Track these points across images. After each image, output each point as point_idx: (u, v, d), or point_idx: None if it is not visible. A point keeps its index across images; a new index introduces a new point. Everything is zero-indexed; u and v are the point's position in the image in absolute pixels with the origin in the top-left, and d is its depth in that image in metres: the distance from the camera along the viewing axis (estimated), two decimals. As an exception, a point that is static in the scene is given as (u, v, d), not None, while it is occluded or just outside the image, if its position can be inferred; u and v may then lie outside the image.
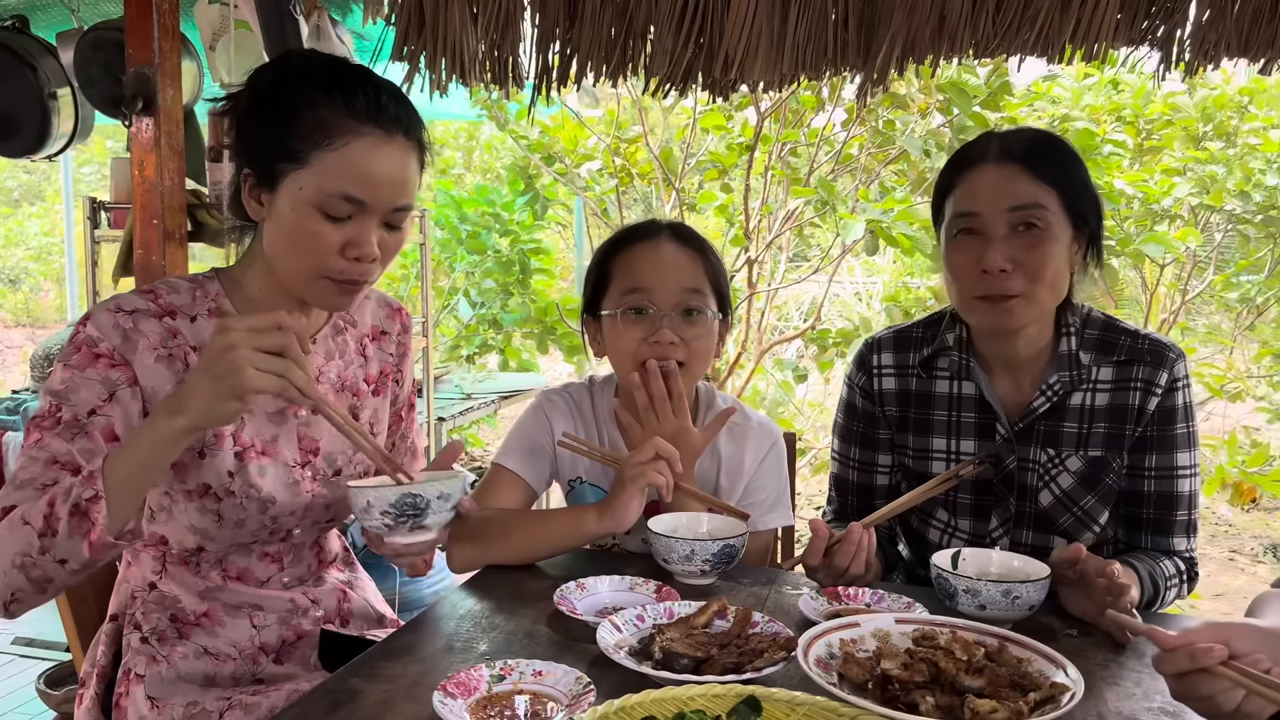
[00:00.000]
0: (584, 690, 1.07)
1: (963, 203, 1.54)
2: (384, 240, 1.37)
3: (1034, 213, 1.48)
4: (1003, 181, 1.50)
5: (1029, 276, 1.49)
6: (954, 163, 1.59)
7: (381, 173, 1.32)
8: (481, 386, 4.53)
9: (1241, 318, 5.24)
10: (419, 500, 1.30)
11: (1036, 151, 1.51)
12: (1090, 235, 1.55)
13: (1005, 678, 1.08)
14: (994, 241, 1.49)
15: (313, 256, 1.33)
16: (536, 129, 4.56)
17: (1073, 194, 1.51)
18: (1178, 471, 1.60)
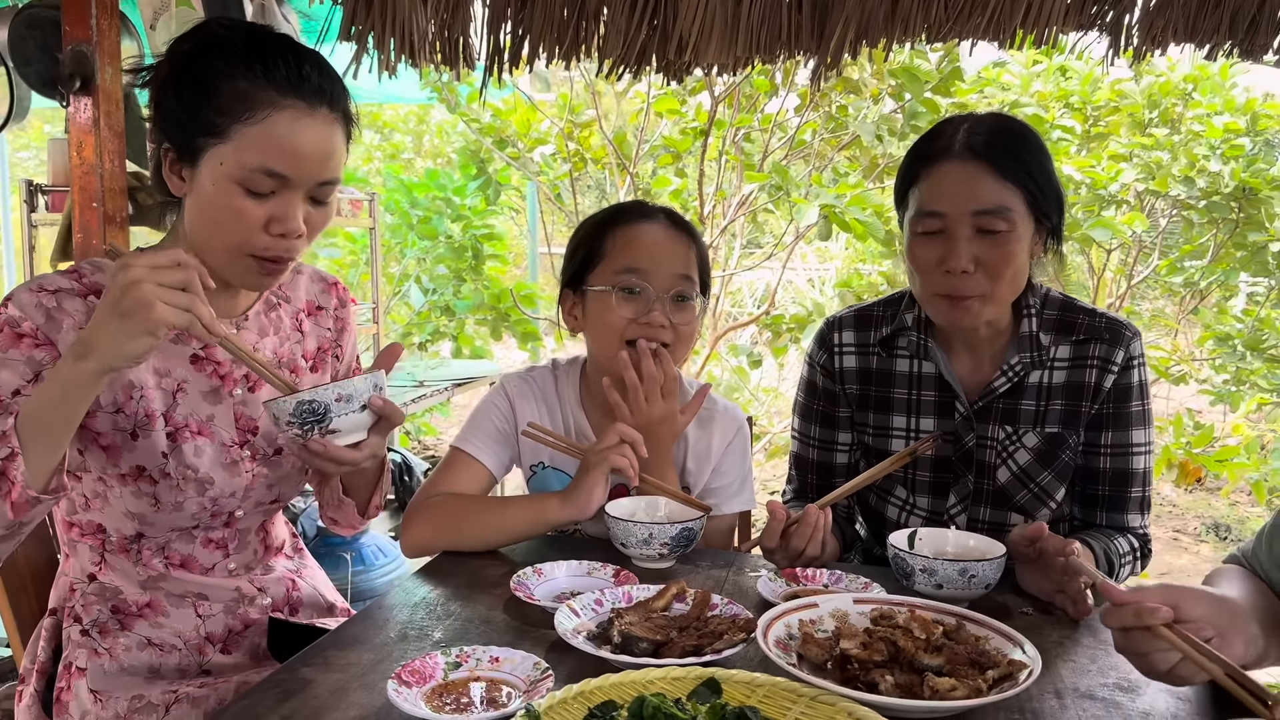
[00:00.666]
0: (542, 676, 1.06)
1: (927, 200, 1.53)
2: (309, 215, 1.33)
3: (998, 216, 1.48)
4: (967, 181, 1.49)
5: (990, 276, 1.50)
6: (919, 153, 1.57)
7: (305, 146, 1.28)
8: (434, 374, 4.48)
9: (1185, 302, 5.35)
10: (315, 405, 1.26)
11: (1001, 148, 1.50)
12: (1051, 228, 1.56)
13: (963, 656, 1.08)
14: (958, 242, 1.49)
15: (236, 233, 1.30)
16: (488, 112, 4.50)
17: (1037, 191, 1.50)
18: (1133, 449, 1.62)
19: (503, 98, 4.54)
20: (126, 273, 1.12)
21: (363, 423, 1.31)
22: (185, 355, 1.41)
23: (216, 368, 1.43)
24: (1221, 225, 4.76)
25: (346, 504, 1.54)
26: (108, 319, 1.13)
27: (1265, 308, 5.14)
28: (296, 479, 1.53)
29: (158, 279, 1.12)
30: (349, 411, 1.29)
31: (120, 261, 1.14)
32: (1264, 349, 4.73)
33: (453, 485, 1.64)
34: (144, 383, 1.37)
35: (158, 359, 1.39)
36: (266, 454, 1.47)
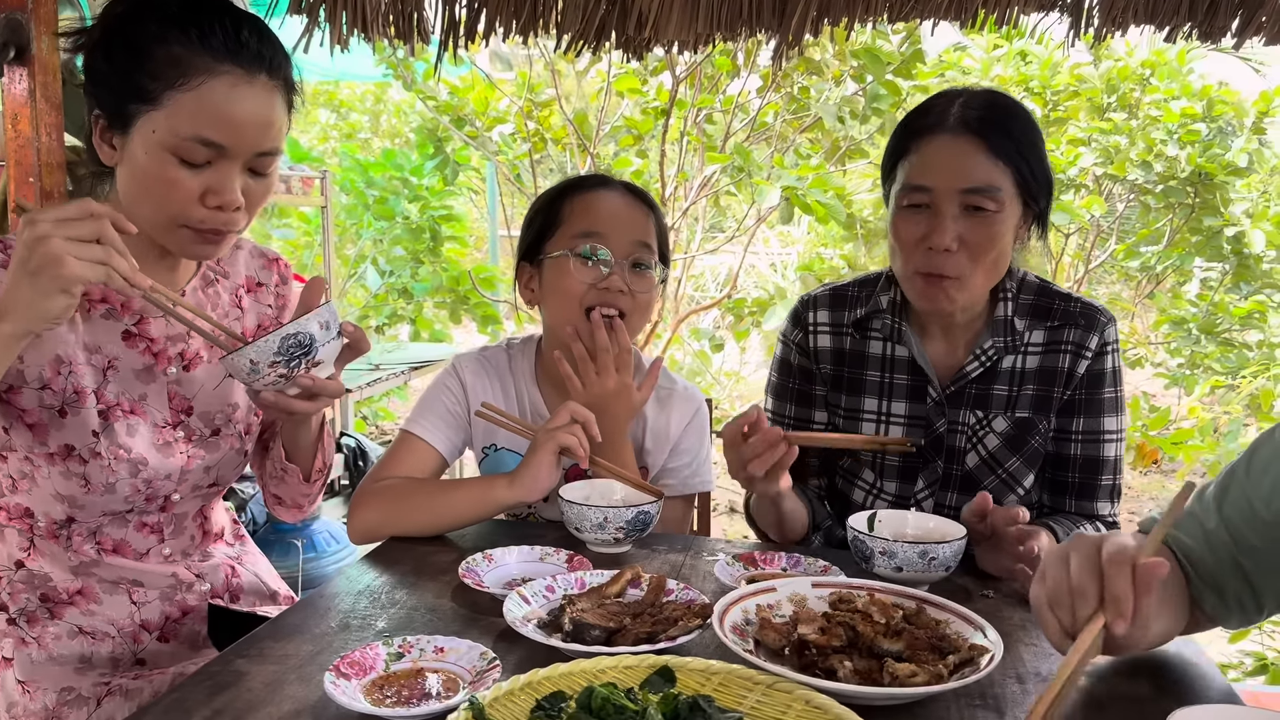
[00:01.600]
0: (489, 666, 1.01)
1: (915, 174, 1.48)
2: (249, 187, 1.27)
3: (986, 195, 1.44)
4: (958, 157, 1.45)
5: (972, 257, 1.46)
6: (910, 125, 1.52)
7: (242, 115, 1.22)
8: (390, 357, 4.40)
9: (1141, 286, 5.41)
10: (302, 336, 1.20)
11: (995, 124, 1.46)
12: (1038, 213, 1.52)
13: (924, 640, 1.05)
14: (944, 219, 1.45)
15: (169, 205, 1.23)
16: (445, 90, 4.41)
17: (1028, 173, 1.47)
18: (1104, 436, 1.60)
19: (460, 75, 4.46)
20: (33, 229, 1.06)
21: (336, 352, 1.28)
22: (117, 331, 1.35)
23: (150, 345, 1.37)
24: (1178, 210, 4.80)
25: (290, 471, 1.47)
26: (18, 279, 1.08)
27: (1219, 292, 5.21)
28: (235, 462, 1.47)
29: (66, 232, 1.07)
30: (330, 339, 1.25)
31: (26, 217, 1.08)
32: (1218, 333, 4.79)
33: (402, 469, 1.58)
34: (73, 358, 1.30)
35: (88, 334, 1.32)
36: (203, 435, 1.41)
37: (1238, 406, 4.71)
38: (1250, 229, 4.66)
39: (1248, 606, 1.14)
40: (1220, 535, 1.13)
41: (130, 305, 1.35)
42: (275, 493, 1.55)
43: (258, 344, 1.19)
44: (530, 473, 1.44)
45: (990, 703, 1.01)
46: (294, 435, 1.44)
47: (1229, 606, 1.14)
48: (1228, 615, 1.15)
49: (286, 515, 1.58)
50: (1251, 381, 4.71)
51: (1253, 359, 4.89)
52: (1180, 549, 1.14)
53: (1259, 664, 2.99)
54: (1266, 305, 4.97)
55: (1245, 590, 1.13)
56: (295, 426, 1.41)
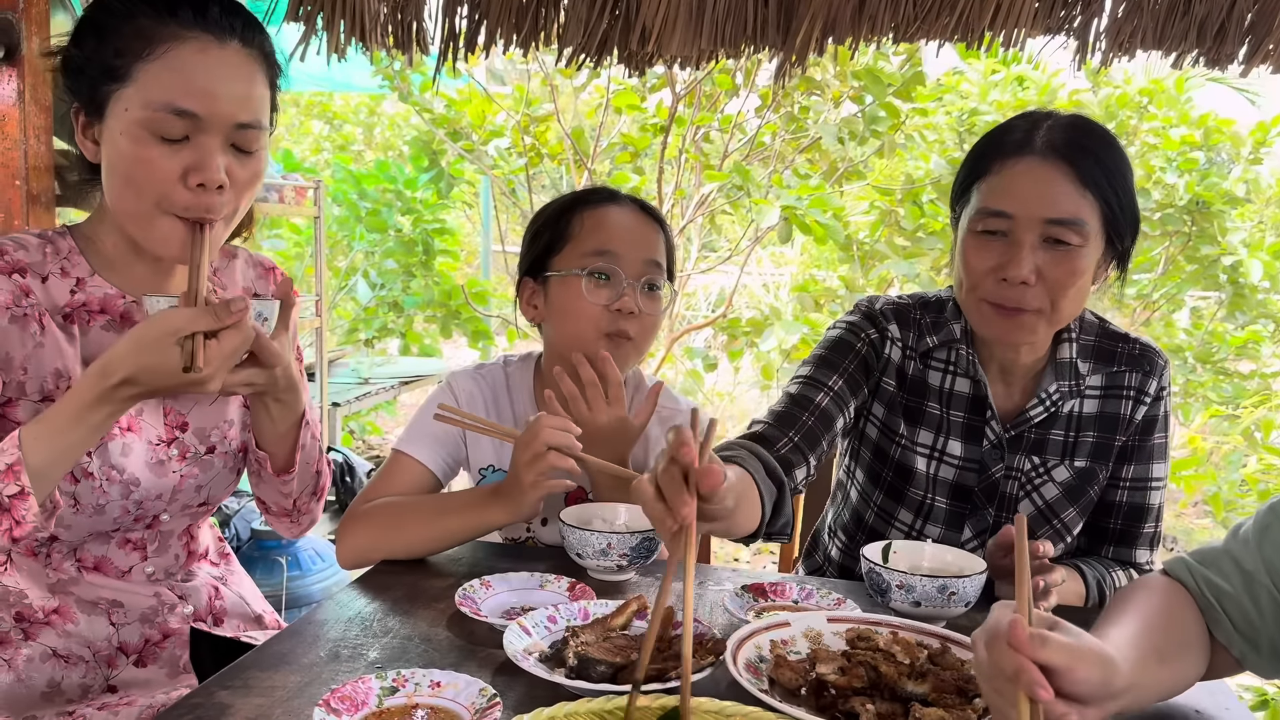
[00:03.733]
0: (489, 704, 0.95)
1: (994, 199, 1.38)
2: (232, 168, 1.21)
3: (1071, 228, 1.34)
4: (1043, 184, 1.34)
5: (1051, 293, 1.36)
6: (992, 144, 1.42)
7: (215, 81, 1.18)
8: (380, 371, 4.33)
9: (1136, 314, 5.39)
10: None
11: (1086, 151, 1.35)
12: (1121, 251, 1.42)
13: (950, 682, 1.00)
14: (1022, 250, 1.34)
15: (150, 188, 1.18)
16: (441, 102, 4.36)
17: (1116, 207, 1.36)
18: (1152, 483, 1.53)
19: (457, 88, 4.41)
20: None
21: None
22: None
23: None
24: (1174, 238, 4.79)
25: (263, 461, 1.38)
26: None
27: (1214, 321, 5.19)
28: (227, 480, 1.40)
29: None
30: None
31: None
32: (1214, 361, 4.77)
33: (393, 490, 1.52)
34: (72, 372, 1.25)
35: (86, 347, 1.27)
36: (197, 453, 1.35)
37: (1237, 436, 4.69)
38: (1247, 259, 4.66)
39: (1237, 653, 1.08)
40: (1261, 578, 1.08)
41: (129, 317, 1.30)
42: (259, 495, 1.48)
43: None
44: (516, 498, 1.37)
45: (1020, 750, 0.96)
46: (257, 420, 1.36)
47: (1260, 651, 1.09)
48: (1258, 660, 1.10)
49: (279, 526, 1.51)
50: (1253, 412, 4.69)
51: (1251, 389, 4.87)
52: (1212, 590, 1.09)
53: (1260, 699, 2.95)
54: (1261, 335, 4.95)
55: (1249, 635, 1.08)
56: (257, 411, 1.35)
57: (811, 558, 1.82)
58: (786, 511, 1.40)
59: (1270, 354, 5.57)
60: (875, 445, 1.61)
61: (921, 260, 4.63)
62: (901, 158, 5.13)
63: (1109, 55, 2.44)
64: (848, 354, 1.56)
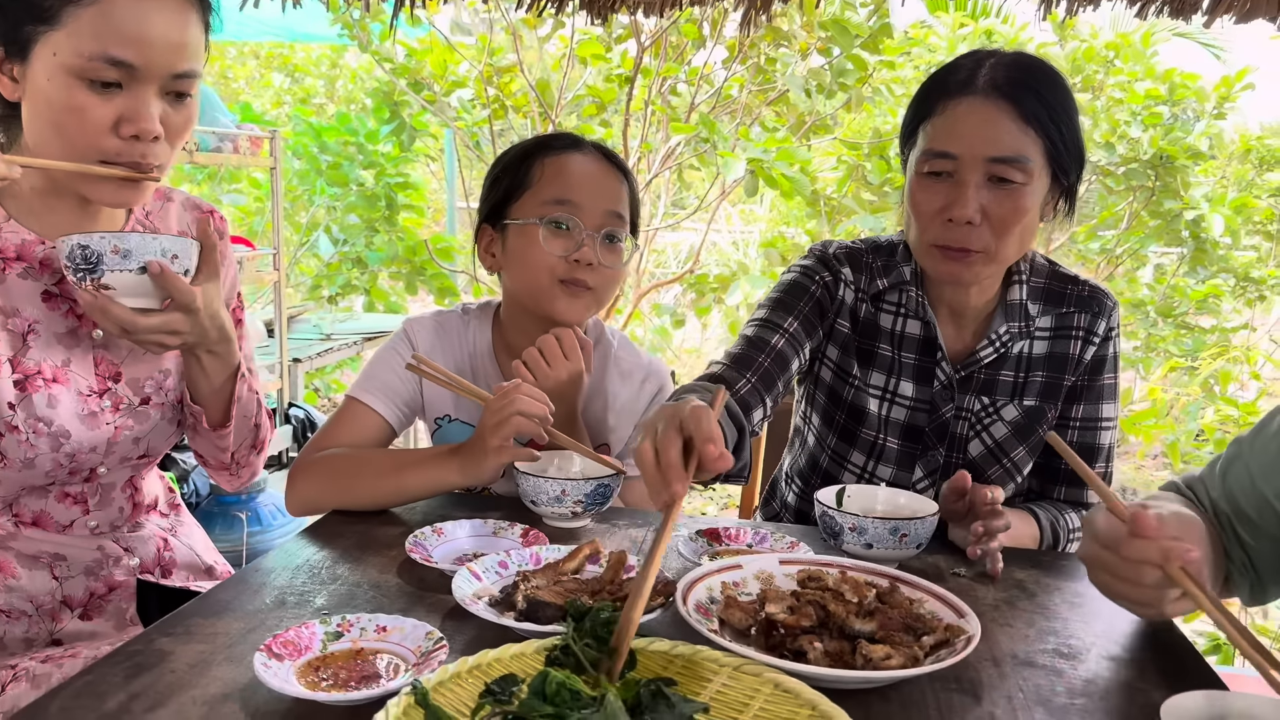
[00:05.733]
0: (435, 647, 0.94)
1: (938, 139, 1.37)
2: (166, 116, 1.17)
3: (1015, 166, 1.34)
4: (985, 123, 1.34)
5: (996, 232, 1.36)
6: (935, 86, 1.41)
7: (152, 29, 1.13)
8: (342, 327, 4.27)
9: (1100, 269, 5.43)
10: (89, 252, 1.12)
11: (1028, 87, 1.34)
12: (1066, 187, 1.42)
13: (897, 621, 1.00)
14: (967, 190, 1.34)
15: (80, 138, 1.13)
16: (402, 52, 4.27)
17: (1060, 142, 1.36)
18: (1102, 423, 1.54)
19: (418, 37, 4.32)
20: None
21: (145, 288, 1.17)
22: (37, 292, 1.24)
23: (73, 306, 1.26)
24: (1138, 193, 4.81)
25: (197, 415, 1.34)
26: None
27: (1176, 276, 5.24)
28: (166, 432, 1.37)
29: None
30: (125, 269, 1.15)
31: None
32: (1175, 316, 4.82)
33: (345, 438, 1.49)
34: None
35: (3, 296, 1.22)
36: (131, 404, 1.31)
37: (1195, 389, 4.75)
38: (1209, 213, 4.69)
39: (1251, 581, 1.12)
40: (1222, 505, 1.11)
41: (49, 263, 1.25)
42: (195, 448, 1.44)
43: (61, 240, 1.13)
44: (478, 463, 1.34)
45: (966, 686, 0.96)
46: (191, 374, 1.32)
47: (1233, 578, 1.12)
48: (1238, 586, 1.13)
49: (219, 479, 1.48)
50: (1211, 364, 4.75)
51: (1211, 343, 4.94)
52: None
53: (1212, 644, 3.01)
54: (1222, 290, 5.01)
55: (1246, 562, 1.11)
56: (189, 364, 1.30)
57: (769, 505, 1.82)
58: (745, 454, 1.40)
59: (1230, 309, 5.64)
60: (830, 388, 1.61)
61: (888, 215, 4.62)
62: (869, 112, 5.10)
63: (1074, 5, 2.43)
64: (802, 296, 1.56)
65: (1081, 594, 1.23)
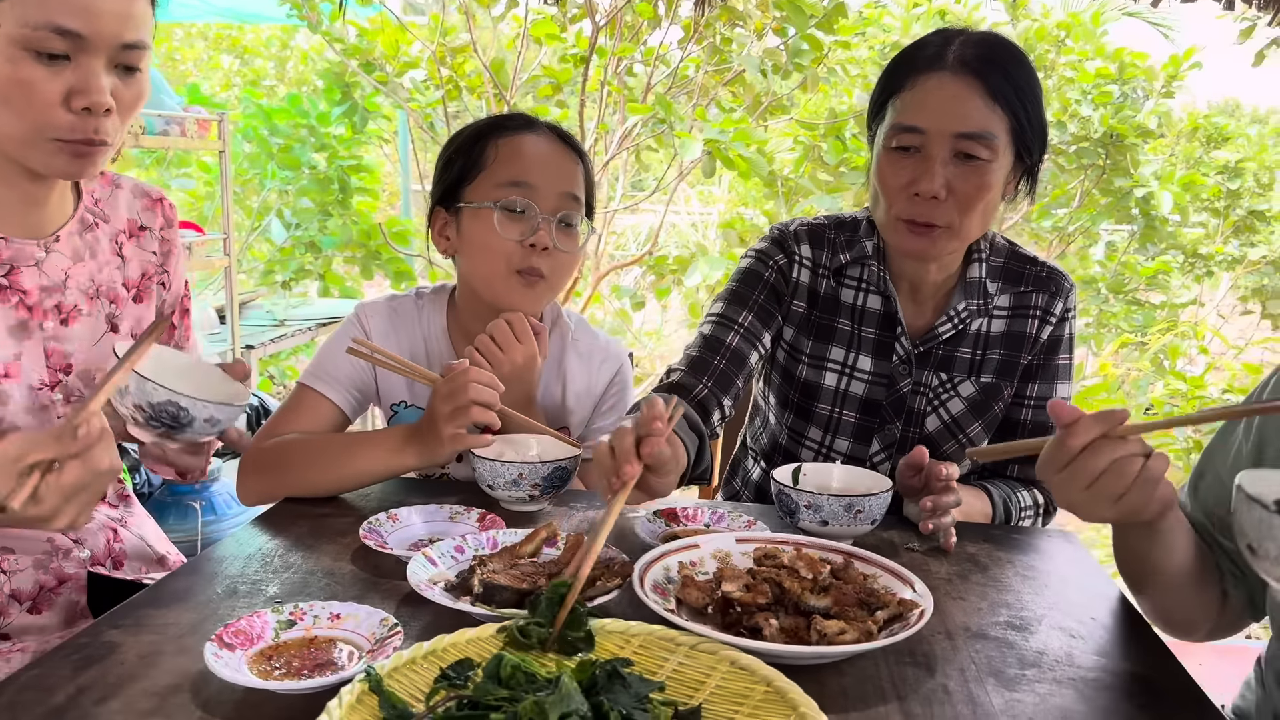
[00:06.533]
0: (389, 633, 0.93)
1: (907, 114, 1.38)
2: (118, 89, 1.14)
3: (981, 142, 1.35)
4: (954, 99, 1.36)
5: (960, 208, 1.38)
6: (906, 60, 1.42)
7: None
8: (296, 313, 4.21)
9: (1052, 247, 5.50)
10: (183, 415, 1.12)
11: (996, 65, 1.36)
12: (1029, 168, 1.44)
13: (851, 596, 1.01)
14: (934, 164, 1.36)
15: (30, 112, 1.10)
16: (353, 32, 4.19)
17: (1025, 120, 1.38)
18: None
19: (369, 17, 4.25)
20: None
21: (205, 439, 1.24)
22: None
23: (23, 297, 1.23)
24: (1089, 171, 4.88)
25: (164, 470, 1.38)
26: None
27: (1126, 253, 5.33)
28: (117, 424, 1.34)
29: None
30: (207, 431, 1.20)
31: None
32: (1126, 292, 4.90)
33: (297, 426, 1.47)
34: None
35: None
36: (82, 396, 1.28)
37: (1145, 363, 4.85)
38: (1158, 191, 4.77)
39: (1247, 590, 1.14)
40: (1198, 518, 1.15)
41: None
42: (145, 464, 1.43)
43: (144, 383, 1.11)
44: (433, 444, 1.33)
45: (920, 660, 0.98)
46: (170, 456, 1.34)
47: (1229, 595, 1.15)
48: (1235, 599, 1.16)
49: (163, 474, 1.46)
50: (1160, 339, 4.84)
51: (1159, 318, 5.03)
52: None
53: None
54: (1171, 266, 5.10)
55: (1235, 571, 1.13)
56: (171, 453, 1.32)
57: (730, 484, 1.83)
58: (706, 458, 1.42)
59: (1179, 285, 5.75)
60: (784, 367, 1.63)
61: (844, 195, 4.65)
62: (825, 92, 5.12)
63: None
64: (757, 285, 1.58)
65: (1033, 567, 1.25)
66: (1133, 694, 0.94)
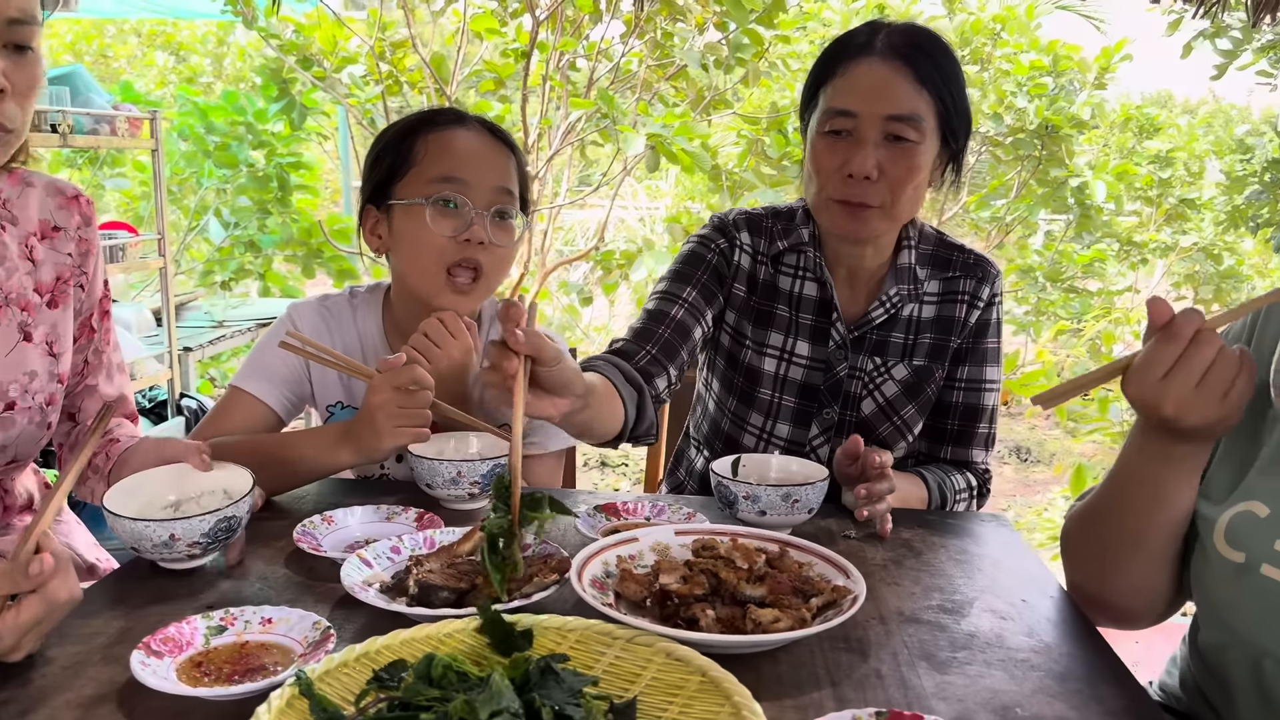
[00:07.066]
0: (322, 636, 0.92)
1: (839, 98, 1.43)
2: (10, 70, 1.09)
3: (910, 124, 1.40)
4: (883, 83, 1.41)
5: (891, 188, 1.42)
6: (835, 50, 1.47)
7: None
8: (235, 314, 4.14)
9: (991, 237, 5.60)
10: (234, 521, 1.12)
11: (923, 52, 1.42)
12: (953, 153, 1.49)
13: (786, 584, 1.02)
14: (866, 146, 1.40)
15: None
16: (290, 28, 4.12)
17: (950, 105, 1.43)
18: (985, 385, 1.61)
19: (305, 13, 4.18)
20: None
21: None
22: None
23: None
24: (1026, 162, 4.97)
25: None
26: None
27: (1063, 242, 5.44)
28: (35, 436, 1.29)
29: None
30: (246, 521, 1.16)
31: None
32: (1063, 280, 5.00)
33: (229, 429, 1.44)
34: None
35: None
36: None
37: (1081, 350, 4.96)
38: (1092, 180, 4.88)
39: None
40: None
41: None
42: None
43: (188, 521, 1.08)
44: (368, 442, 1.31)
45: (854, 645, 0.99)
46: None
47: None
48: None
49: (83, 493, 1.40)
50: (1094, 325, 4.95)
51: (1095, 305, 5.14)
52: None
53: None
54: (1106, 254, 5.22)
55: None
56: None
57: (674, 475, 1.84)
58: (650, 414, 1.42)
59: (1115, 272, 5.89)
60: (728, 352, 1.65)
61: (787, 189, 4.69)
62: (767, 86, 5.15)
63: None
64: (700, 265, 1.60)
65: (966, 551, 1.28)
66: (1060, 673, 0.96)
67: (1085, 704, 0.90)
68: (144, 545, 1.08)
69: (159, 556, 1.10)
